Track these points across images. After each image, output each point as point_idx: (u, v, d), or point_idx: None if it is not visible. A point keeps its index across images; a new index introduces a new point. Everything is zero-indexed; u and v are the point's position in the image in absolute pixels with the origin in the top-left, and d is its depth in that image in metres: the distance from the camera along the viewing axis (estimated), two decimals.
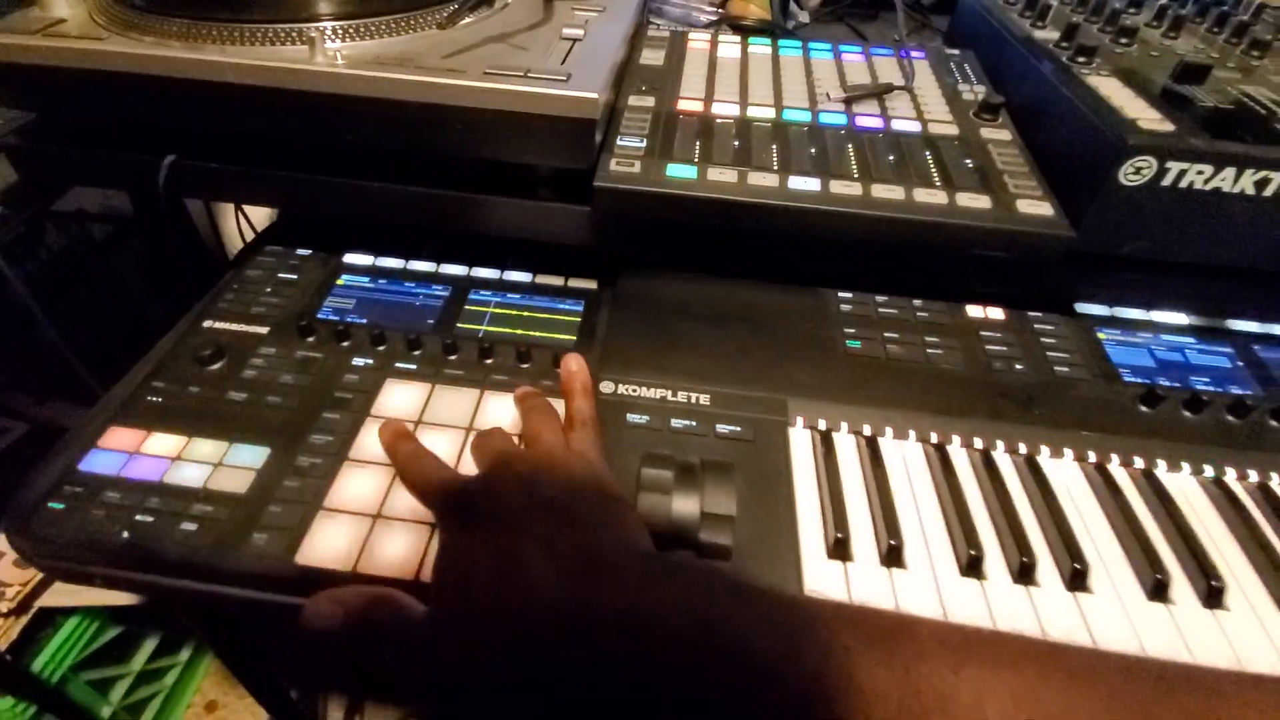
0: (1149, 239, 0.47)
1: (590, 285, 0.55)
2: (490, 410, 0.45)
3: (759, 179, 0.48)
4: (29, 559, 0.39)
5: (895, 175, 0.49)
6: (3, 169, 0.55)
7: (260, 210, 0.82)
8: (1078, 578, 0.36)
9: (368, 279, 0.55)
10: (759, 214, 0.47)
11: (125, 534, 0.37)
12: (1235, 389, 0.47)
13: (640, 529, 0.33)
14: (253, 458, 0.41)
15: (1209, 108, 0.48)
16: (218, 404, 0.44)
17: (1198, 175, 0.43)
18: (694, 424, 0.44)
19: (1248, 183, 0.43)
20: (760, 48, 0.65)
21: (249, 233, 0.82)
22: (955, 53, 0.66)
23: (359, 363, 0.47)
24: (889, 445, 0.44)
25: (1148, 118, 0.45)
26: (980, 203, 0.47)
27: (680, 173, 0.48)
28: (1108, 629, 0.35)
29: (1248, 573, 0.38)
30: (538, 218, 0.51)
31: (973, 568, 0.37)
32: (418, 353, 0.48)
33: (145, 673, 0.89)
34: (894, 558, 0.37)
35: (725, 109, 0.55)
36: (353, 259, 0.56)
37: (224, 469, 0.40)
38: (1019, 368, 0.48)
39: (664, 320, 0.51)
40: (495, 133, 0.45)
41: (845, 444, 0.44)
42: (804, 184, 0.47)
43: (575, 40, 0.49)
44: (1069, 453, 0.43)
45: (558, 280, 0.55)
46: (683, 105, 0.55)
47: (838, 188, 0.47)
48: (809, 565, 0.37)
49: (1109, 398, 0.47)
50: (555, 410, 0.42)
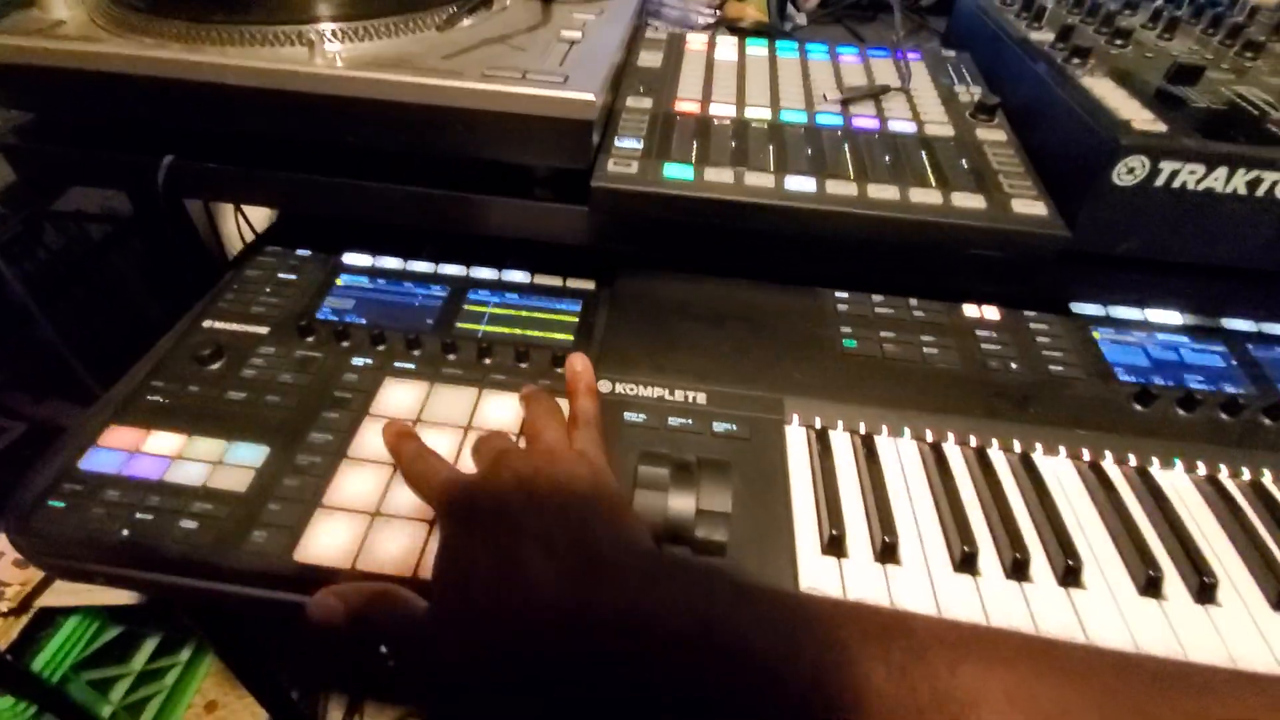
0: (1143, 239, 0.47)
1: (588, 285, 0.55)
2: (489, 409, 0.45)
3: (756, 179, 0.48)
4: (30, 557, 0.39)
5: (891, 175, 0.49)
6: (1, 169, 0.55)
7: (259, 211, 0.82)
8: (1071, 574, 0.37)
9: (367, 279, 0.55)
10: (755, 214, 0.47)
11: (125, 532, 0.37)
12: (1229, 387, 0.48)
13: (640, 527, 0.33)
14: (252, 456, 0.41)
15: (1202, 108, 0.48)
16: (217, 403, 0.44)
17: (1190, 175, 0.44)
18: (691, 422, 0.44)
19: (1240, 183, 0.44)
20: (757, 49, 0.65)
21: (248, 233, 0.82)
22: (951, 54, 0.67)
23: (358, 362, 0.47)
24: (884, 443, 0.44)
25: (1141, 118, 0.45)
26: (975, 203, 0.47)
27: (677, 173, 0.48)
28: (1101, 625, 0.35)
29: (1240, 569, 0.38)
30: (536, 218, 0.51)
31: (967, 564, 0.37)
32: (417, 352, 0.48)
33: (145, 673, 0.90)
34: (889, 554, 0.38)
35: (722, 110, 0.56)
36: (352, 259, 0.57)
37: (224, 467, 0.40)
38: (1014, 366, 0.49)
39: (661, 320, 0.51)
40: (494, 134, 0.45)
41: (841, 442, 0.44)
42: (800, 184, 0.48)
43: (573, 42, 0.50)
44: (1063, 450, 0.44)
45: (556, 280, 0.55)
46: (680, 106, 0.56)
47: (834, 188, 0.48)
48: (804, 561, 0.37)
49: (1103, 396, 0.47)
50: (559, 408, 0.42)
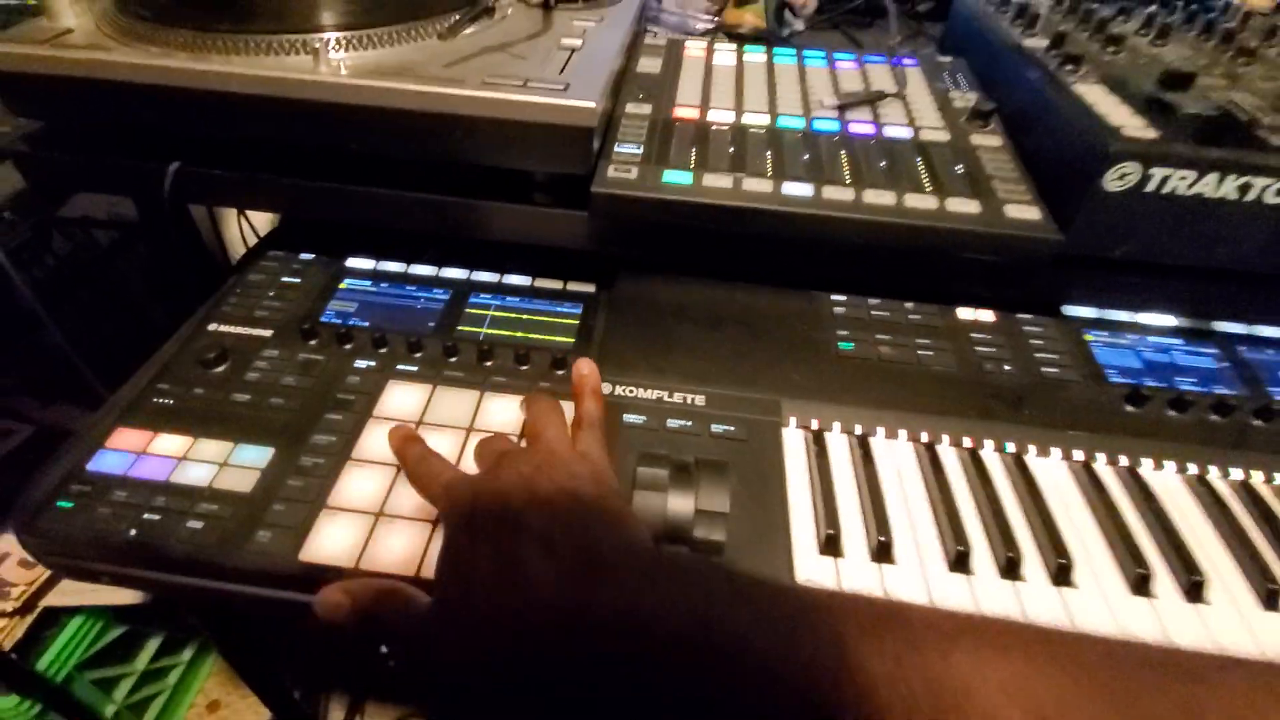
0: (1135, 243, 0.48)
1: (588, 288, 0.56)
2: (490, 411, 0.45)
3: (753, 185, 0.49)
4: (38, 557, 0.40)
5: (887, 181, 0.50)
6: (10, 176, 0.56)
7: (262, 214, 0.82)
8: (1062, 573, 0.37)
9: (369, 283, 0.55)
10: (753, 219, 0.48)
11: (133, 532, 0.38)
12: (1219, 389, 0.48)
13: (640, 527, 0.33)
14: (257, 458, 0.42)
15: (1193, 115, 0.48)
16: (223, 405, 0.45)
17: (1181, 181, 0.44)
18: (689, 424, 0.45)
19: (1230, 188, 0.44)
20: (755, 56, 0.66)
21: (251, 236, 0.83)
22: (947, 60, 0.67)
23: (361, 365, 0.48)
24: (880, 444, 0.45)
25: (1132, 125, 0.46)
26: (970, 207, 0.48)
27: (676, 179, 0.49)
28: (1091, 623, 0.36)
29: (1229, 568, 0.38)
30: (537, 223, 0.51)
31: (960, 563, 0.38)
32: (419, 355, 0.49)
33: (149, 672, 0.90)
34: (884, 554, 0.38)
35: (721, 116, 0.56)
36: (355, 263, 0.57)
37: (229, 469, 0.41)
38: (1008, 369, 0.49)
39: (661, 323, 0.52)
40: (495, 141, 0.46)
41: (837, 443, 0.45)
42: (797, 189, 0.48)
43: (573, 50, 0.50)
44: (1056, 451, 0.44)
45: (556, 284, 0.56)
46: (679, 112, 0.56)
47: (830, 193, 0.48)
48: (801, 561, 0.38)
49: (1096, 398, 0.48)
50: (560, 409, 0.42)
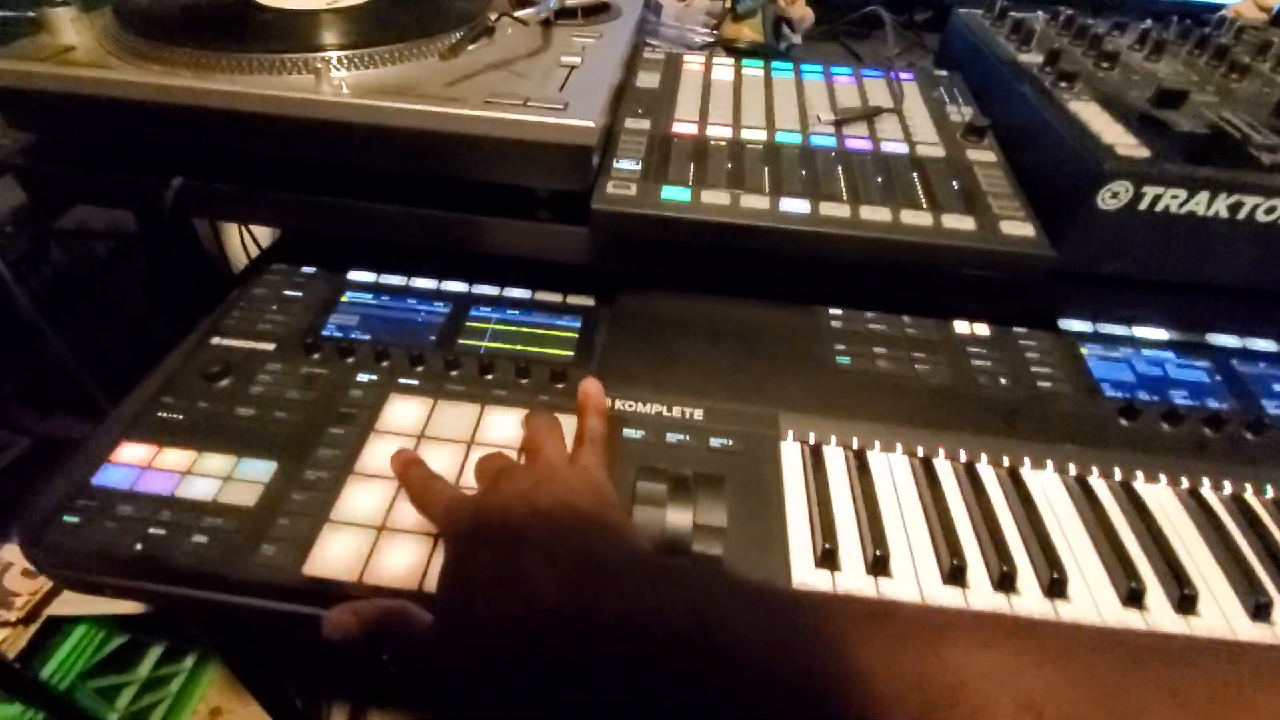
0: (1128, 259, 0.48)
1: (588, 302, 0.56)
2: (491, 425, 0.46)
3: (751, 201, 0.49)
4: (43, 570, 0.40)
5: (883, 197, 0.50)
6: (11, 189, 0.57)
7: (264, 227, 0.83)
8: (1056, 586, 0.38)
9: (371, 296, 0.56)
10: (751, 236, 0.48)
11: (139, 546, 0.38)
12: (1212, 403, 0.49)
13: (639, 537, 0.34)
14: (261, 472, 0.42)
15: (1185, 132, 0.49)
16: (226, 419, 0.45)
17: (1173, 200, 0.45)
18: (688, 438, 0.45)
19: (1221, 206, 0.45)
20: (753, 70, 0.67)
21: (253, 248, 0.84)
22: (944, 74, 0.68)
23: (363, 379, 0.48)
24: (877, 458, 0.45)
25: (1125, 143, 0.47)
26: (965, 224, 0.48)
27: (675, 195, 0.49)
28: None
29: (1220, 581, 0.39)
30: (537, 238, 0.52)
31: (955, 576, 0.38)
32: (420, 369, 0.49)
33: (151, 680, 0.90)
34: (880, 567, 0.39)
35: (719, 131, 0.57)
36: (356, 276, 0.58)
37: (233, 483, 0.42)
38: (1003, 382, 0.50)
39: (660, 337, 0.52)
40: (496, 158, 0.47)
41: (834, 457, 0.45)
42: (794, 206, 0.49)
43: (573, 67, 0.51)
44: (1050, 465, 0.45)
45: (556, 297, 0.56)
46: (677, 128, 0.57)
47: (827, 210, 0.49)
48: (798, 574, 0.39)
49: (1090, 411, 0.48)
50: (558, 423, 0.43)
